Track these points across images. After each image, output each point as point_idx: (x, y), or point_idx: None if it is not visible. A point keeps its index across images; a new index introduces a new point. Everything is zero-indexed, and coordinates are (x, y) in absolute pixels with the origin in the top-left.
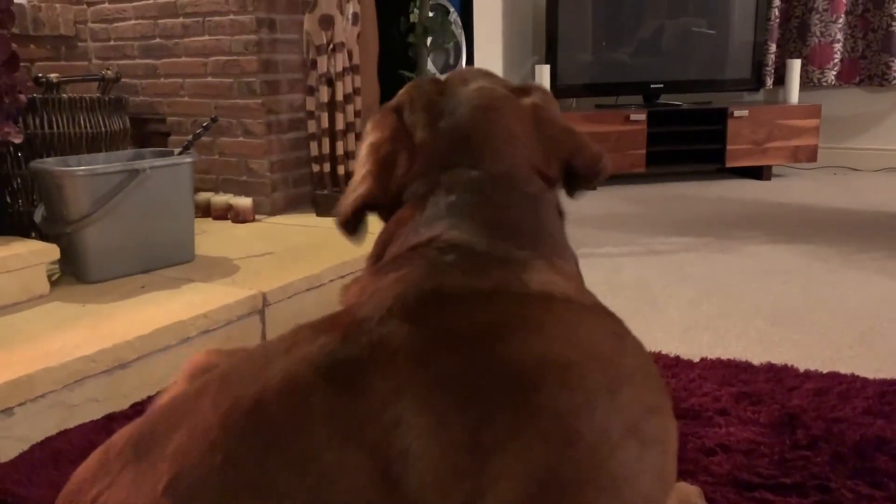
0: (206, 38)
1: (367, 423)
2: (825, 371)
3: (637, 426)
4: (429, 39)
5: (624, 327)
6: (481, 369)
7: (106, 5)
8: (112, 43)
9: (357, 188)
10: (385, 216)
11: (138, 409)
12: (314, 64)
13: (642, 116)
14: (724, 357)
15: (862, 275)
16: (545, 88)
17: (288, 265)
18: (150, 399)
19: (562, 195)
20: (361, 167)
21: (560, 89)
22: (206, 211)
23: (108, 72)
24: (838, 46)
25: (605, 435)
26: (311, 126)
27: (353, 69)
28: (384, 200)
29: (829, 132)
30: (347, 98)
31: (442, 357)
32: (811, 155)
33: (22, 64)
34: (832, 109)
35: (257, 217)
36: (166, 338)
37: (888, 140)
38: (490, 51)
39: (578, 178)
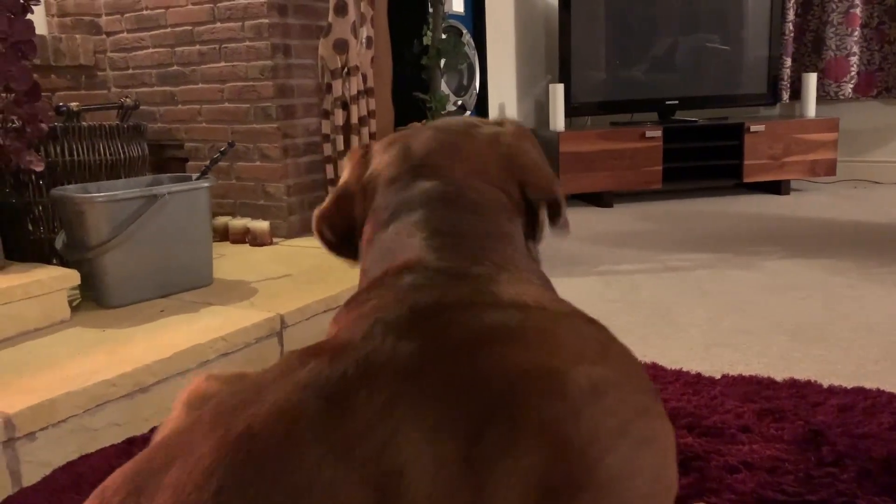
0: (223, 64)
1: (360, 440)
2: (850, 386)
3: (626, 428)
4: (442, 61)
5: (606, 332)
6: (468, 382)
7: (124, 35)
8: (130, 71)
9: (318, 209)
10: (361, 241)
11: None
12: (329, 88)
13: (658, 133)
14: (746, 374)
15: (883, 289)
16: (520, 123)
17: (305, 287)
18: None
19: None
20: (331, 193)
21: (575, 107)
22: (224, 235)
23: (127, 100)
24: (854, 59)
25: (595, 439)
26: (327, 149)
27: (368, 92)
28: (338, 220)
29: (847, 145)
30: (362, 121)
31: (428, 370)
32: (830, 169)
33: (43, 94)
34: (850, 122)
35: (275, 240)
36: (185, 362)
37: None
38: (504, 71)
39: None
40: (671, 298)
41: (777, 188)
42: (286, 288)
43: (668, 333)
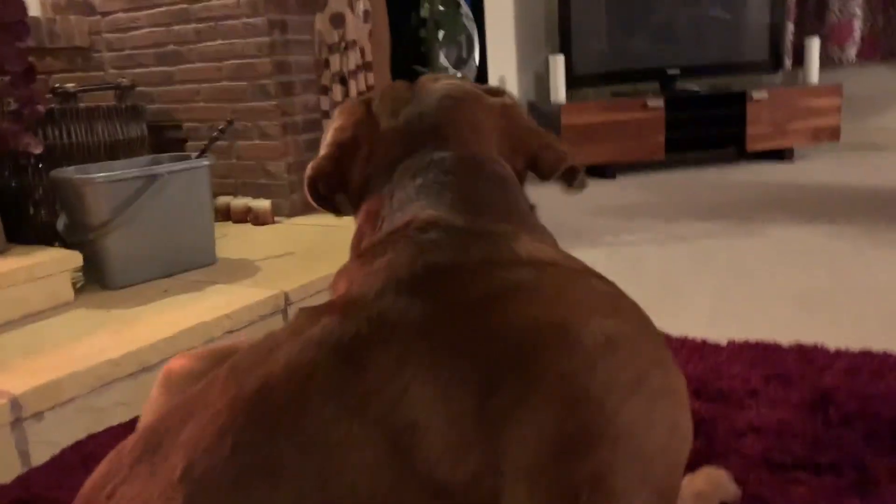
0: (220, 42)
1: (373, 396)
2: (856, 350)
3: (641, 379)
4: (440, 33)
5: (616, 287)
6: (481, 337)
7: (119, 15)
8: (127, 52)
9: (313, 162)
10: (353, 205)
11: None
12: (327, 63)
13: (660, 103)
14: (752, 340)
15: (890, 253)
16: (513, 94)
17: (308, 265)
18: None
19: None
20: (322, 148)
21: (576, 79)
22: (226, 214)
23: (124, 80)
24: (857, 23)
25: (611, 391)
26: (326, 125)
27: (366, 66)
28: (336, 178)
29: (851, 111)
30: (361, 96)
31: (441, 327)
32: (834, 135)
33: (39, 76)
34: (854, 88)
35: (276, 219)
36: (191, 339)
37: None
38: (503, 43)
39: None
40: (676, 268)
41: (781, 155)
42: (289, 266)
43: (673, 303)
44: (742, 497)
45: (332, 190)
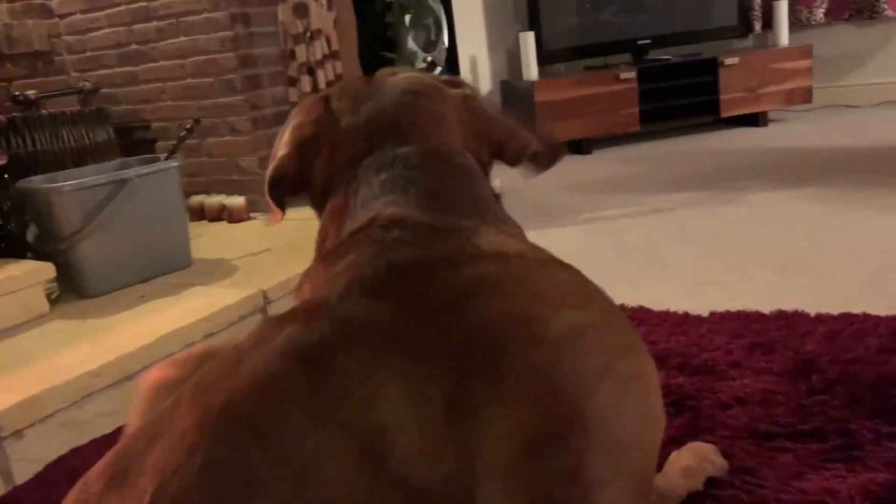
0: (182, 39)
1: (342, 402)
2: (836, 314)
3: (610, 367)
4: (407, 17)
5: (582, 276)
6: (448, 335)
7: (78, 16)
8: (89, 54)
9: (272, 162)
10: (315, 205)
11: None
12: (293, 54)
13: (632, 74)
14: (733, 309)
15: (867, 214)
16: (473, 85)
17: (287, 261)
18: None
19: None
20: (280, 147)
21: (547, 55)
22: (200, 214)
23: (87, 83)
24: None
25: (579, 380)
26: None
27: (333, 55)
28: (297, 177)
29: (822, 71)
30: (331, 85)
31: (407, 327)
32: (806, 97)
33: None
34: (824, 48)
35: (252, 215)
36: (170, 345)
37: (884, 74)
38: (471, 22)
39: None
40: (657, 240)
41: (755, 120)
42: (267, 263)
43: (655, 275)
44: (729, 469)
45: (294, 190)
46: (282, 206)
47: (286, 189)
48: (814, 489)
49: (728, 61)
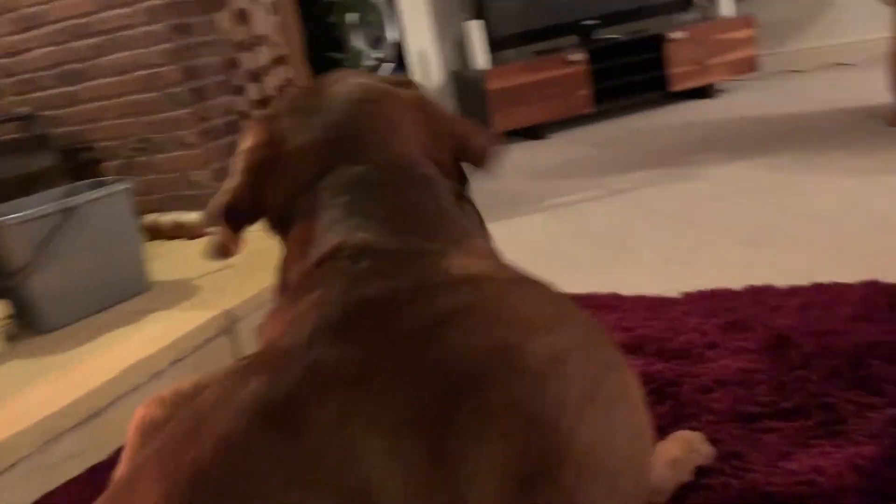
0: (122, 54)
1: (318, 461)
2: (807, 284)
3: (594, 391)
4: (351, 16)
5: (552, 291)
6: (424, 375)
7: (9, 38)
8: (25, 76)
9: (224, 190)
10: (274, 231)
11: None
12: (237, 62)
13: (582, 56)
14: (704, 288)
15: (825, 178)
16: (421, 84)
17: (250, 276)
18: None
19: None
20: (232, 173)
21: (495, 42)
22: (155, 233)
23: (24, 109)
24: None
25: (564, 410)
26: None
27: (280, 61)
28: (251, 205)
29: (766, 39)
30: (279, 91)
31: (380, 372)
32: (752, 65)
33: None
34: (765, 16)
35: (209, 231)
36: (136, 377)
37: (825, 37)
38: (418, 15)
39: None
40: (620, 223)
41: (704, 93)
42: (230, 280)
43: (622, 259)
44: (717, 455)
45: (249, 219)
46: (238, 233)
47: (241, 220)
48: (802, 469)
49: (674, 36)
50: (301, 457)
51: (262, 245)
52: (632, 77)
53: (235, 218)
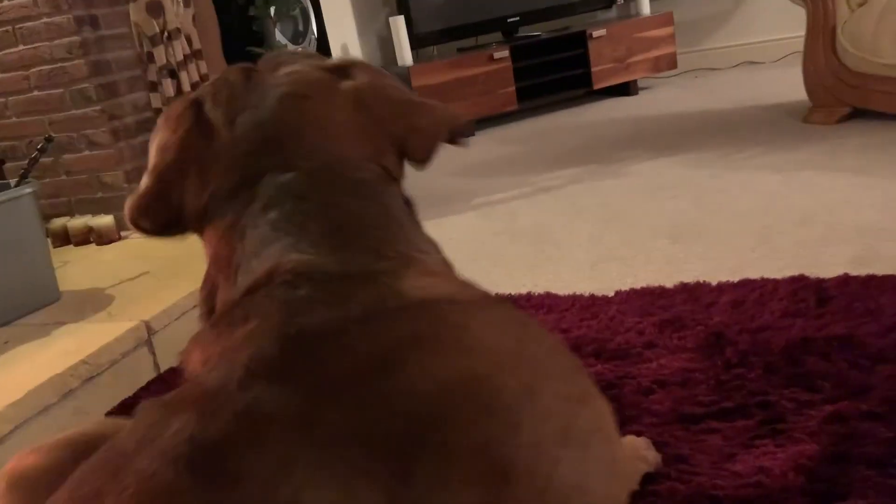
0: (22, 48)
1: None
2: (736, 280)
3: (570, 426)
4: (272, 9)
5: (515, 312)
6: (379, 416)
7: None
8: None
9: (137, 191)
10: (196, 232)
11: None
12: (151, 57)
13: (505, 53)
14: (637, 286)
15: (746, 174)
16: (370, 65)
17: (168, 284)
18: None
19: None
20: (144, 176)
21: (419, 38)
22: (64, 238)
23: None
24: None
25: (541, 451)
26: None
27: (196, 55)
28: (164, 211)
29: (683, 37)
30: (196, 87)
31: (328, 412)
32: (671, 63)
33: None
34: (682, 14)
35: (123, 234)
36: (45, 397)
37: (738, 36)
38: (339, 10)
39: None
40: (550, 220)
41: (626, 90)
42: (146, 288)
43: (553, 257)
44: (662, 459)
45: (164, 225)
46: (162, 236)
47: (155, 224)
48: (747, 470)
49: (596, 33)
50: None
51: (176, 252)
52: (555, 74)
53: (153, 221)
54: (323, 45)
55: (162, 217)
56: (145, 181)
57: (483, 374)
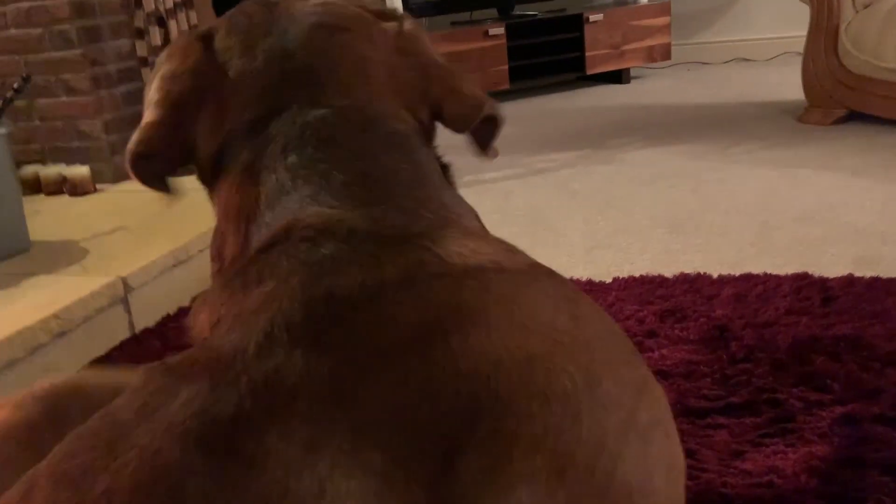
0: None
1: (279, 502)
2: (737, 274)
3: (630, 419)
4: None
5: (567, 285)
6: (421, 393)
7: None
8: None
9: (140, 128)
10: (207, 183)
11: None
12: (139, 2)
13: (500, 30)
14: (635, 274)
15: (744, 168)
16: (413, 19)
17: (146, 240)
18: None
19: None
20: (148, 106)
21: (411, 9)
22: (35, 187)
23: None
24: None
25: (603, 445)
26: (146, 74)
27: (186, 3)
28: (173, 149)
29: (677, 29)
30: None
31: (362, 389)
32: (665, 53)
33: None
34: (680, 6)
35: (98, 187)
36: (13, 350)
37: (733, 31)
38: None
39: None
40: (544, 203)
41: (618, 77)
42: (123, 243)
43: (548, 241)
44: None
45: (170, 166)
46: (162, 187)
47: (161, 167)
48: (758, 469)
49: (593, 17)
50: (255, 496)
51: (156, 207)
52: (549, 56)
53: (151, 167)
54: None
55: (171, 153)
56: (152, 113)
57: (538, 354)
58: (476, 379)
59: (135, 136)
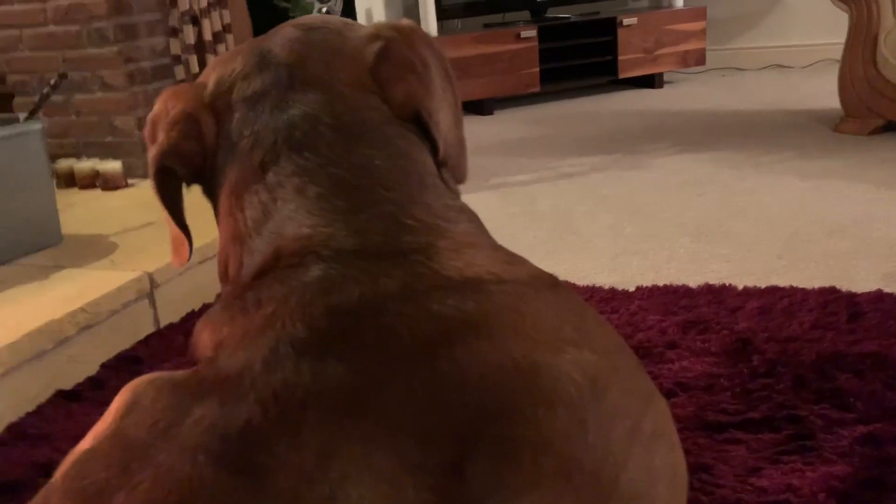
0: None
1: None
2: (763, 286)
3: (635, 427)
4: None
5: (572, 294)
6: (429, 401)
7: None
8: None
9: (157, 145)
10: (211, 200)
11: (15, 431)
12: (173, 1)
13: (533, 33)
14: (659, 283)
15: (774, 178)
16: (414, 24)
17: None
18: (29, 417)
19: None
20: (160, 135)
21: (445, 10)
22: (69, 181)
23: None
24: None
25: (608, 452)
26: (179, 72)
27: (220, 3)
28: (197, 161)
29: (713, 34)
30: (217, 37)
31: (372, 396)
32: (700, 59)
33: None
34: (715, 11)
35: (130, 182)
36: (40, 342)
37: (770, 38)
38: None
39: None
40: (570, 207)
41: (651, 82)
42: (151, 239)
43: (573, 245)
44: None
45: (192, 175)
46: (184, 227)
47: (185, 176)
48: (774, 486)
49: (627, 21)
50: None
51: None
52: (581, 59)
53: (171, 180)
54: (349, 7)
55: (195, 163)
56: (165, 132)
57: (543, 362)
58: (482, 387)
59: (157, 145)
